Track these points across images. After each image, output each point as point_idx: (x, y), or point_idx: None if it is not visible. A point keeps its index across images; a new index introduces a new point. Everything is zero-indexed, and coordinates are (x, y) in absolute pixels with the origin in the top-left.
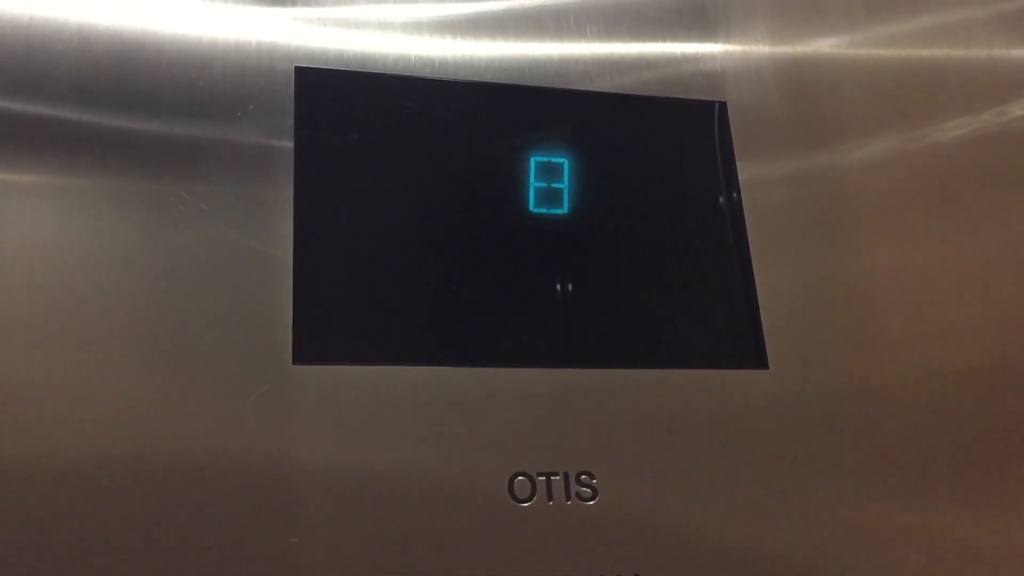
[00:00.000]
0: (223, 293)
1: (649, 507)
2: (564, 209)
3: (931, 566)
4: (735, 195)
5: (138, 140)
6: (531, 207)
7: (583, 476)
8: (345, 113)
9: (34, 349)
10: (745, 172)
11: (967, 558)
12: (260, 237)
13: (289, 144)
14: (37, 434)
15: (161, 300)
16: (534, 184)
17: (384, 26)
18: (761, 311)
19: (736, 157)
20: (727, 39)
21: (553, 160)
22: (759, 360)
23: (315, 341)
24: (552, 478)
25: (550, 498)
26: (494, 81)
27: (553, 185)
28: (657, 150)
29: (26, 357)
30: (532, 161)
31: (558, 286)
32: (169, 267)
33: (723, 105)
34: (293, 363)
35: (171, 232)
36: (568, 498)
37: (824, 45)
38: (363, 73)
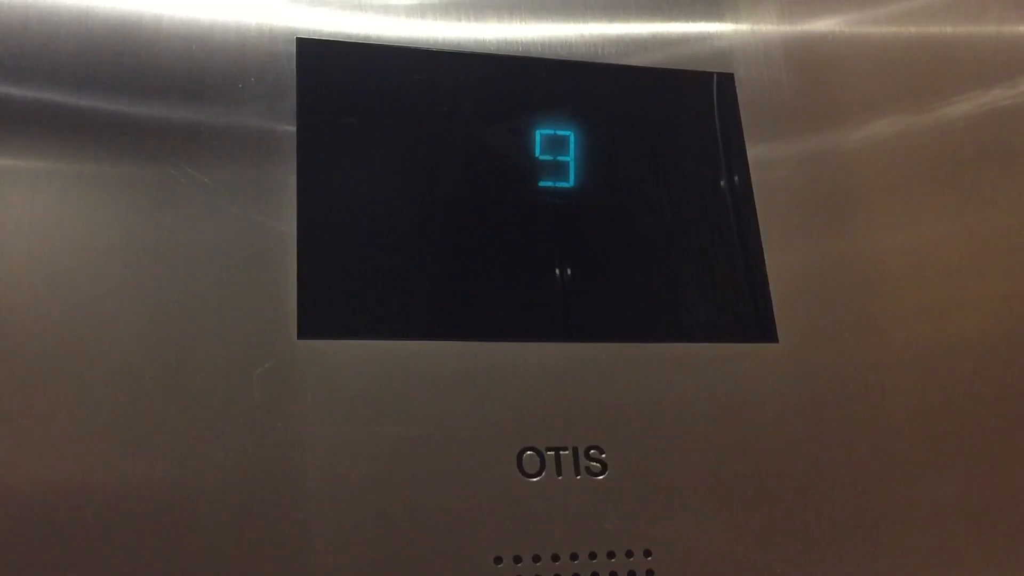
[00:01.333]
0: (227, 269)
1: (658, 481)
2: (570, 182)
3: (940, 539)
4: (744, 171)
5: (138, 121)
6: (537, 180)
7: (592, 451)
8: (348, 87)
9: (39, 331)
10: (754, 147)
11: (976, 531)
12: (264, 212)
13: (291, 120)
14: (45, 407)
15: (165, 278)
16: (540, 157)
17: (387, 8)
18: (771, 286)
19: (745, 134)
20: (735, 16)
21: (559, 133)
22: (769, 334)
23: (320, 316)
24: (561, 453)
25: (559, 473)
26: (499, 53)
27: (559, 158)
28: (664, 123)
29: (30, 339)
30: (538, 134)
31: (565, 260)
32: (173, 246)
33: (730, 77)
34: (298, 338)
35: (174, 210)
36: (577, 472)
37: (833, 22)
38: (366, 44)
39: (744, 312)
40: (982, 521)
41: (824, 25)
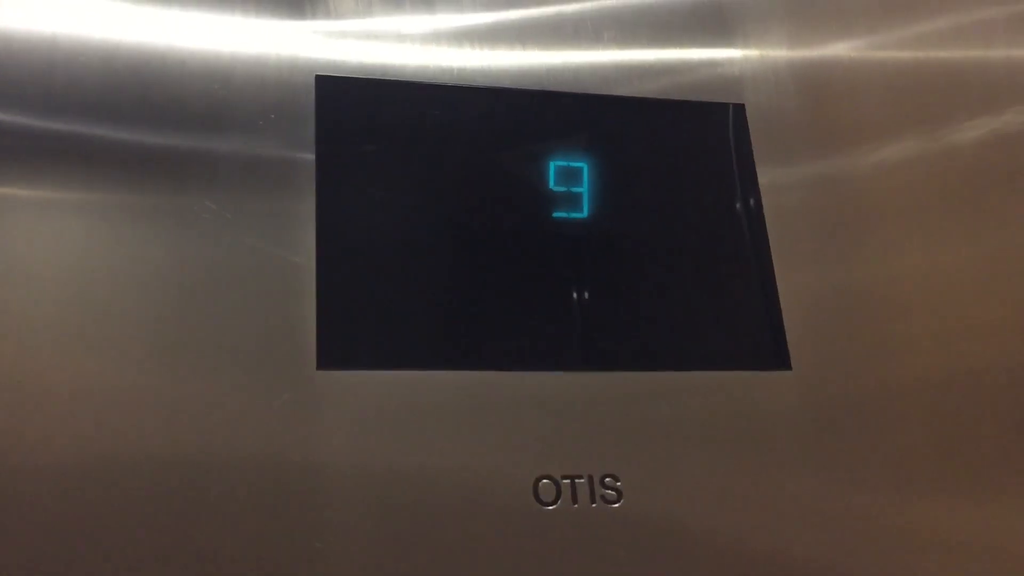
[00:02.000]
0: (248, 300)
1: (673, 509)
2: (584, 213)
3: (955, 568)
4: (755, 198)
5: (162, 153)
6: (551, 212)
7: (607, 479)
8: (365, 121)
9: (62, 360)
10: (765, 175)
11: (992, 559)
12: (284, 244)
13: (311, 153)
14: (63, 443)
15: (186, 309)
16: (554, 188)
17: (403, 37)
18: (783, 313)
19: (756, 160)
20: (745, 43)
21: (572, 165)
22: (782, 362)
23: (339, 346)
24: (577, 481)
25: (575, 501)
26: (513, 87)
27: (572, 190)
28: (676, 154)
29: (55, 368)
30: (552, 166)
31: (580, 290)
32: (194, 276)
33: (741, 108)
34: (318, 368)
35: (196, 242)
36: (593, 501)
37: (842, 48)
38: (383, 81)
39: (757, 340)
40: (1000, 548)
41: (834, 51)
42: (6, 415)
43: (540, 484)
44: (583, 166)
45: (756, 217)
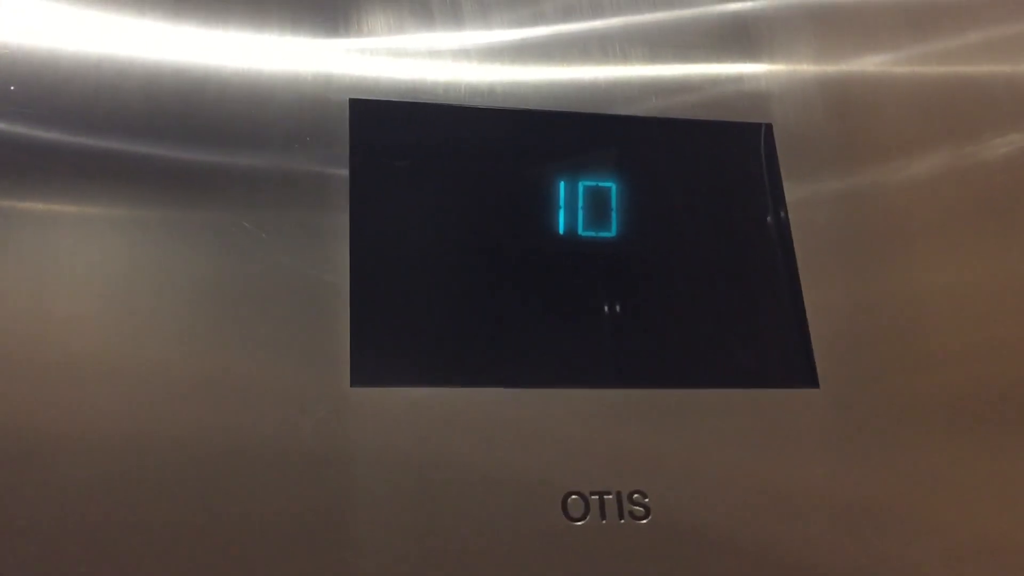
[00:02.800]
0: (282, 318)
1: (701, 525)
2: (612, 232)
3: None
4: (783, 215)
5: (202, 172)
6: (580, 231)
7: (635, 495)
8: (397, 142)
9: (104, 375)
10: (792, 192)
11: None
12: (318, 262)
13: (345, 173)
14: (102, 460)
15: (222, 326)
16: (583, 208)
17: (433, 54)
18: (811, 330)
19: (783, 177)
20: (771, 60)
21: (601, 185)
22: (810, 379)
23: (372, 364)
24: (605, 497)
25: (603, 517)
26: (541, 108)
27: (601, 209)
28: (704, 173)
29: (96, 384)
30: (581, 186)
31: (608, 307)
32: (231, 292)
33: (769, 127)
34: (351, 386)
35: (234, 260)
36: (621, 516)
37: (869, 64)
38: (414, 104)
39: (785, 357)
40: None
41: (861, 66)
42: (52, 429)
43: (569, 500)
44: (612, 186)
45: (784, 234)
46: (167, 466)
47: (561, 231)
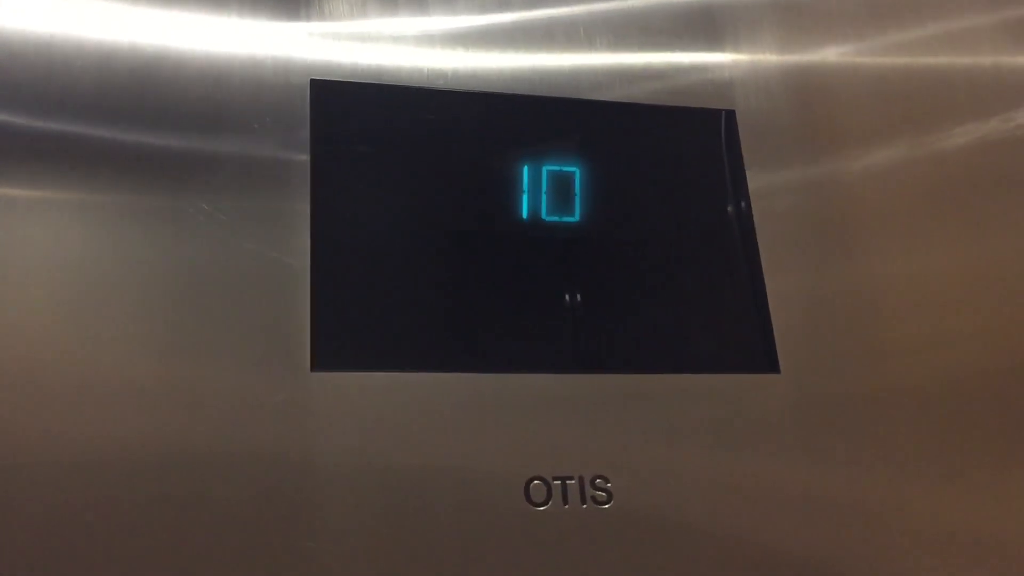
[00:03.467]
0: (242, 301)
1: (663, 511)
2: (576, 217)
3: (943, 562)
4: (745, 202)
5: (158, 155)
6: (543, 215)
7: (598, 480)
8: (359, 125)
9: (58, 360)
10: (754, 180)
11: (978, 561)
12: (278, 247)
13: (305, 156)
14: (57, 441)
15: (181, 310)
16: (546, 193)
17: (397, 39)
18: (772, 316)
19: (745, 165)
20: (735, 48)
21: (565, 169)
22: (771, 365)
23: (333, 348)
24: (567, 482)
25: (566, 502)
26: (505, 92)
27: (564, 194)
28: (668, 158)
29: (50, 367)
30: (544, 170)
31: (571, 293)
32: (189, 277)
33: (731, 113)
34: (312, 370)
35: (191, 243)
36: (583, 502)
37: (831, 54)
38: (376, 85)
39: (746, 343)
40: (985, 550)
41: (823, 56)
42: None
43: (531, 485)
44: (575, 171)
45: (746, 221)
46: (126, 452)
47: (524, 216)
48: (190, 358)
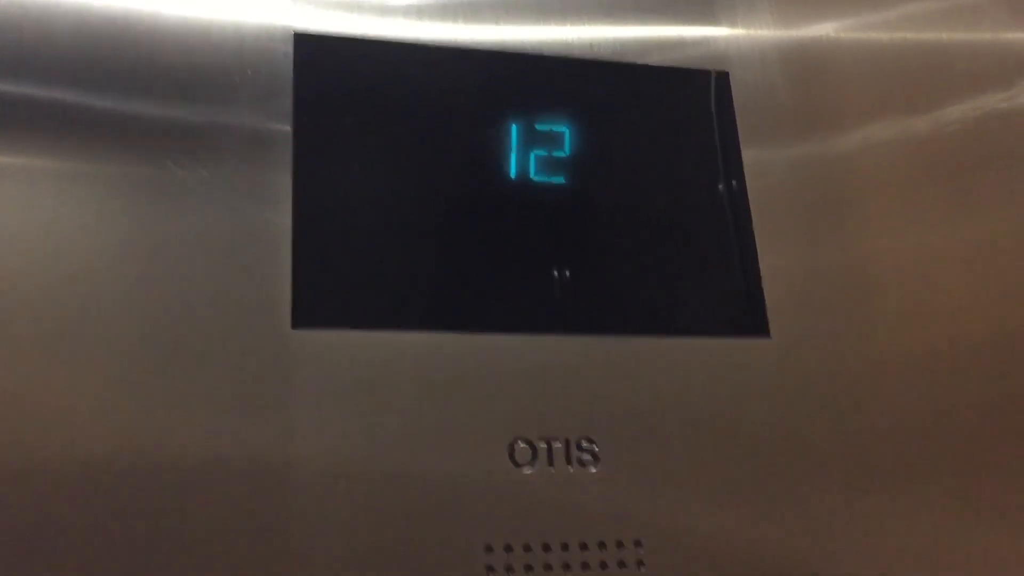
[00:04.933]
0: (222, 259)
1: (650, 473)
2: (564, 178)
3: (929, 537)
4: (737, 167)
5: (135, 119)
6: (532, 175)
7: (584, 442)
8: (344, 81)
9: (34, 329)
10: (748, 149)
11: (964, 529)
12: (260, 203)
13: (288, 115)
14: (38, 397)
15: (159, 270)
16: (535, 152)
17: (384, 10)
18: (764, 281)
19: (740, 135)
20: (731, 21)
21: (554, 129)
22: (761, 329)
23: (314, 306)
24: (553, 444)
25: (551, 464)
26: (496, 49)
27: (554, 154)
28: (659, 120)
29: (27, 332)
30: (534, 129)
31: (558, 253)
32: (167, 237)
33: (725, 76)
34: (292, 328)
35: (169, 204)
36: (569, 464)
37: (829, 28)
38: (362, 39)
39: (737, 306)
40: (970, 519)
41: (819, 30)
42: None
43: (516, 446)
44: (565, 130)
45: (739, 186)
46: (102, 403)
47: (513, 175)
48: (168, 318)
